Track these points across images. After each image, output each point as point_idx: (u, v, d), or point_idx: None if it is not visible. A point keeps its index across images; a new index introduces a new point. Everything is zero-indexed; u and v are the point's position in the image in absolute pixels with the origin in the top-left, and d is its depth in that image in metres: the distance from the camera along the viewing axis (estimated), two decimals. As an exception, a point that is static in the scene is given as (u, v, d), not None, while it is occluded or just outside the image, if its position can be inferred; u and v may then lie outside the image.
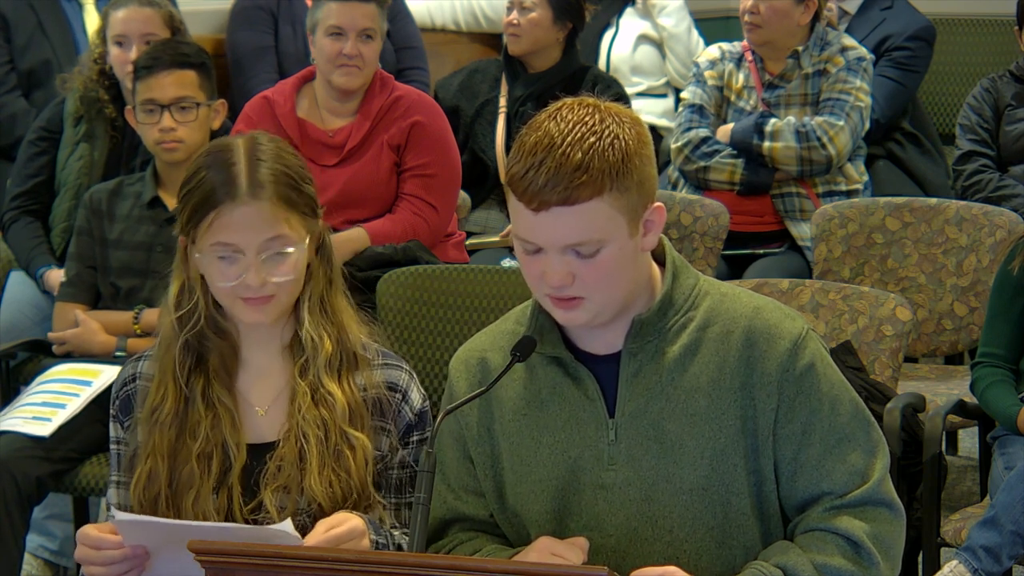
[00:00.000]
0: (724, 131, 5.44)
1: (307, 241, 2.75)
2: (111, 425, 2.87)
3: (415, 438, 2.80)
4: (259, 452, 2.76)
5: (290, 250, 2.73)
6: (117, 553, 2.62)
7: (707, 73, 5.55)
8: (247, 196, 2.71)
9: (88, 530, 2.66)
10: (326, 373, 2.75)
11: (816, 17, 5.45)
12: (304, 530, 2.67)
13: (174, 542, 2.56)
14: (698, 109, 5.50)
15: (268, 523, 2.69)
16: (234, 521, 2.72)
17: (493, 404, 2.65)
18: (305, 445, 2.72)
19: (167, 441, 2.75)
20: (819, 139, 5.31)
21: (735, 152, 5.39)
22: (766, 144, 5.33)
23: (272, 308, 2.74)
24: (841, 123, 5.32)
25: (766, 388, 2.54)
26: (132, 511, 2.75)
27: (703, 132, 5.45)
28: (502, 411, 2.64)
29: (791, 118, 5.38)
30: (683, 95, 5.64)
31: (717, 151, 5.41)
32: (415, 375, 2.83)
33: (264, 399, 2.80)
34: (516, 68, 5.81)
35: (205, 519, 2.70)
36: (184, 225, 2.75)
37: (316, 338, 2.76)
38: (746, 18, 5.43)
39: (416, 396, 2.81)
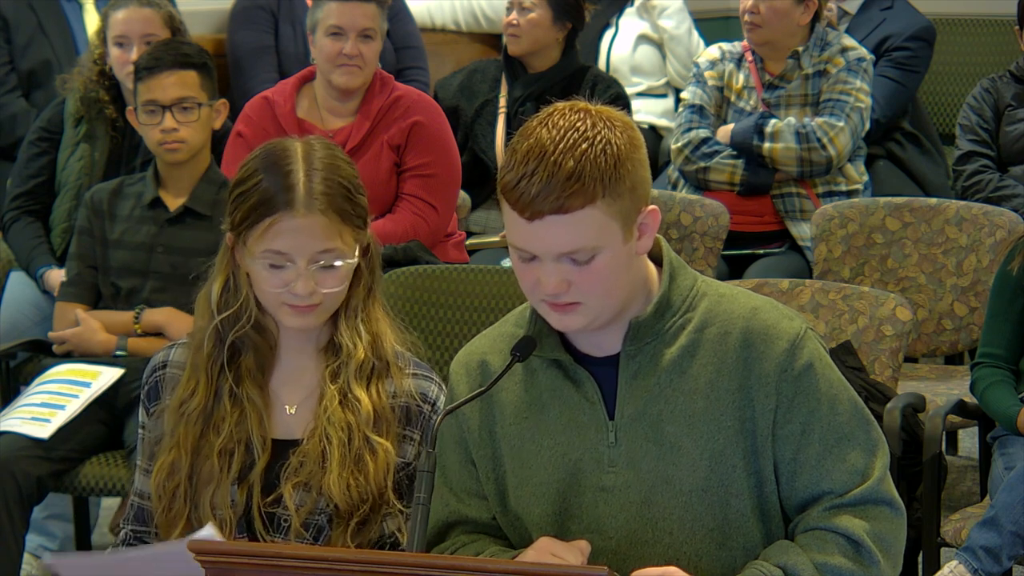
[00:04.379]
0: (724, 132, 5.44)
1: (356, 253, 2.76)
2: (140, 411, 2.88)
3: None
4: (284, 448, 2.78)
5: (340, 263, 2.73)
6: None
7: (707, 73, 5.55)
8: (304, 208, 2.70)
9: None
10: (356, 379, 2.77)
11: (816, 17, 5.45)
12: (319, 531, 2.71)
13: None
14: (698, 109, 5.50)
15: (286, 518, 2.72)
16: (251, 515, 2.74)
17: (494, 407, 2.64)
18: (328, 446, 2.73)
19: (192, 436, 2.77)
20: (819, 140, 5.31)
21: (735, 153, 5.39)
22: (766, 145, 5.33)
23: (317, 315, 2.76)
24: (841, 124, 5.32)
25: (764, 389, 2.53)
26: (151, 499, 2.79)
27: (703, 132, 5.45)
28: (503, 414, 2.64)
29: (791, 119, 5.38)
30: (683, 95, 5.64)
31: (717, 151, 5.41)
32: (444, 387, 2.82)
33: (294, 398, 2.82)
34: (516, 68, 5.81)
35: (220, 515, 2.72)
36: (236, 225, 2.74)
37: (351, 345, 2.77)
38: (746, 18, 5.43)
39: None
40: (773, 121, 5.36)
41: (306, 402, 2.81)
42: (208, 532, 2.53)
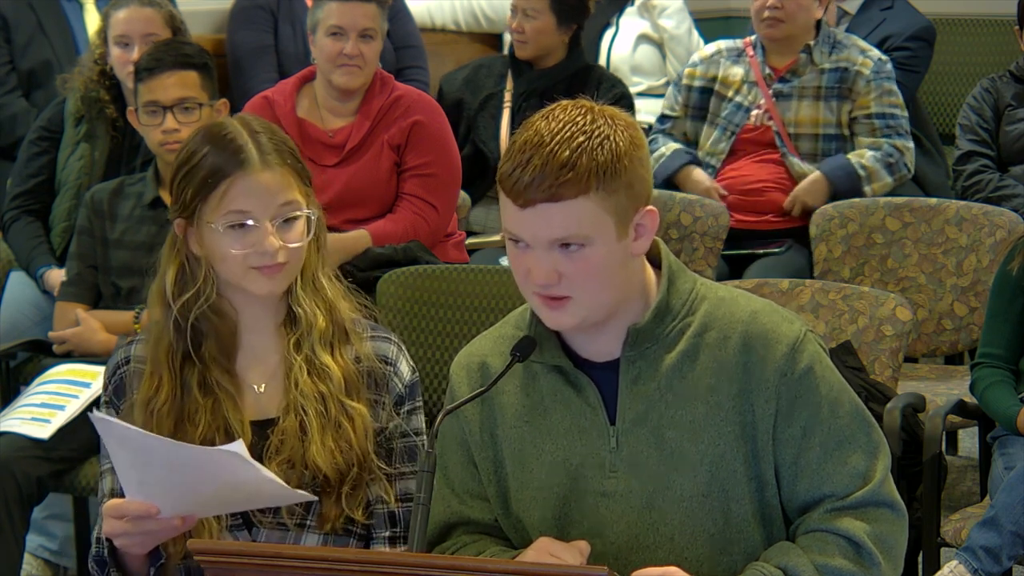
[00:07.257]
0: (814, 179, 5.38)
1: (309, 207, 2.79)
2: (103, 410, 2.86)
3: (406, 408, 2.83)
4: (262, 428, 2.79)
5: (300, 214, 2.77)
6: (137, 507, 2.59)
7: (687, 71, 5.60)
8: (259, 164, 2.75)
9: (114, 501, 2.64)
10: (321, 347, 2.79)
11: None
12: (309, 505, 2.71)
13: (144, 457, 2.56)
14: (668, 121, 5.63)
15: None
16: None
17: (495, 410, 2.65)
18: (305, 418, 2.75)
19: (165, 430, 2.75)
20: (906, 166, 5.38)
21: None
22: (867, 188, 5.32)
23: (283, 277, 2.78)
24: (911, 144, 5.42)
25: (764, 393, 2.53)
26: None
27: (673, 145, 5.53)
28: (504, 417, 2.64)
29: (866, 151, 5.35)
30: (664, 102, 5.72)
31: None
32: (403, 346, 2.87)
33: (261, 377, 2.83)
34: (521, 64, 5.82)
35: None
36: (187, 205, 2.77)
37: (310, 313, 2.80)
38: (766, 14, 5.42)
39: (405, 368, 2.85)
40: (856, 161, 5.33)
41: (273, 380, 2.82)
42: (238, 447, 2.50)
